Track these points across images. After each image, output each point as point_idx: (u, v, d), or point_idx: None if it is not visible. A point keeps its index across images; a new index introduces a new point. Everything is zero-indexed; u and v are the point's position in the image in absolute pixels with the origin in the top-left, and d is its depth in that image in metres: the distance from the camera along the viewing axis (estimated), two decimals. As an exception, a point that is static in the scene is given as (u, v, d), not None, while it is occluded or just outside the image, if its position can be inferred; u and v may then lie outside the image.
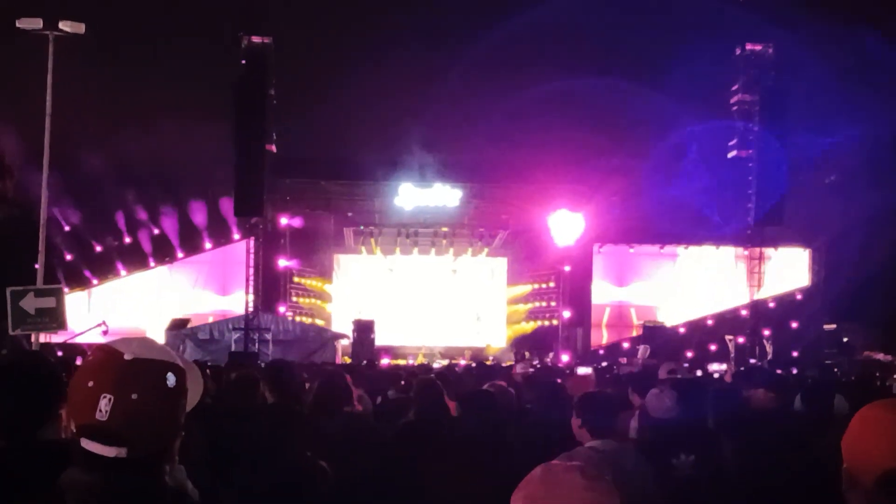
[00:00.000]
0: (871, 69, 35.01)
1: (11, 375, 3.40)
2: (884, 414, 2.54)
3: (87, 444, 2.37)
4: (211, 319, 40.22)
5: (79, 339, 29.32)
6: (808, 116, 36.79)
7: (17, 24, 21.35)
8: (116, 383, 2.38)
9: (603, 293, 46.09)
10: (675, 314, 44.84)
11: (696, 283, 45.60)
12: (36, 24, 21.31)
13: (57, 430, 3.23)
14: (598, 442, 5.42)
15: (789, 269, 44.91)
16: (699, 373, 14.32)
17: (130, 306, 42.12)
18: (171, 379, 2.47)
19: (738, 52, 38.78)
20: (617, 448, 5.44)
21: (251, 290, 38.07)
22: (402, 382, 11.50)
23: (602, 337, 45.75)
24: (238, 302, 40.61)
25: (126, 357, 2.44)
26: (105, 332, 27.32)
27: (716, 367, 18.77)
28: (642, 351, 37.75)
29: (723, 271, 44.41)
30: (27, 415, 3.28)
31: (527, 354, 40.05)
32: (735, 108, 39.53)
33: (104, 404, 2.35)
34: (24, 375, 3.39)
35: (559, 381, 11.73)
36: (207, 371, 9.25)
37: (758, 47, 38.45)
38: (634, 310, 46.14)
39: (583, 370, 13.57)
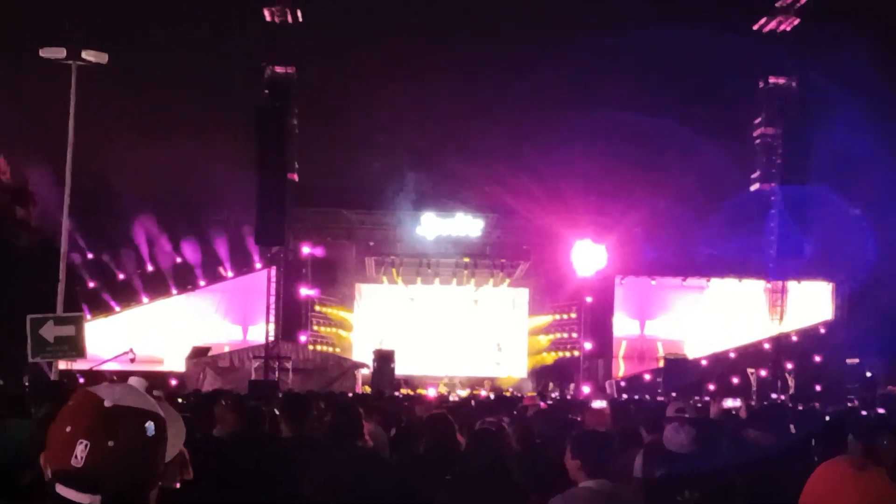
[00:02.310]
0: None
1: None
2: (840, 470, 2.62)
3: (62, 490, 2.34)
4: (227, 349, 40.23)
5: (104, 367, 29.25)
6: (830, 150, 36.63)
7: (41, 54, 21.46)
8: (94, 429, 2.35)
9: (626, 326, 45.91)
10: (701, 347, 44.36)
11: (724, 317, 45.20)
12: (59, 53, 21.40)
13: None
14: (592, 482, 5.35)
15: (812, 303, 44.59)
16: (713, 409, 14.09)
17: (152, 334, 42.12)
18: (150, 428, 2.43)
19: (761, 85, 38.80)
20: (613, 488, 5.39)
21: (272, 318, 38.10)
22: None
23: (625, 369, 45.41)
24: (259, 330, 40.66)
25: (106, 403, 2.41)
26: (132, 360, 27.28)
27: (730, 404, 18.52)
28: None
29: (750, 305, 44.06)
30: None
31: (550, 385, 39.99)
32: (758, 141, 39.52)
33: (80, 450, 2.32)
34: None
35: (575, 416, 11.67)
36: (223, 401, 9.25)
37: (781, 81, 38.46)
38: (661, 344, 45.70)
39: (598, 404, 13.47)
